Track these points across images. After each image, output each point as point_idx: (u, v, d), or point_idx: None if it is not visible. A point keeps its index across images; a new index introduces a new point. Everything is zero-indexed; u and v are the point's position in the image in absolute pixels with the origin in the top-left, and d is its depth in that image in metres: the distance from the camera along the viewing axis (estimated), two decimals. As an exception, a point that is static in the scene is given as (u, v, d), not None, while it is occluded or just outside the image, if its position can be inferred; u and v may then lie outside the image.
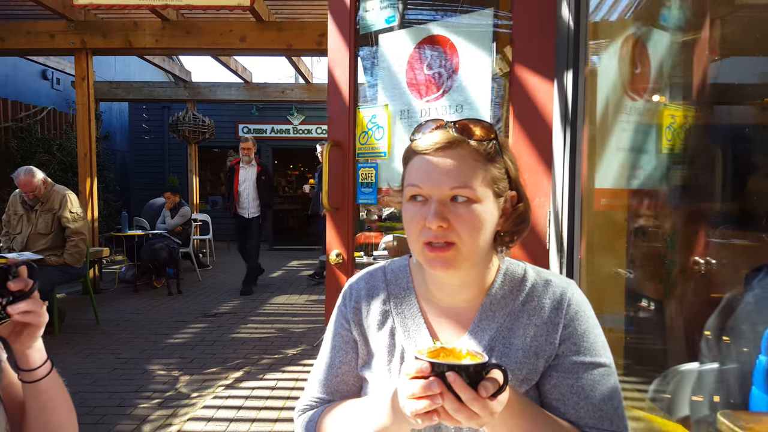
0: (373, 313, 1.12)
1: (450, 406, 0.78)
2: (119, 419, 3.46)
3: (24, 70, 9.99)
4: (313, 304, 6.96)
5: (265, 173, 7.58)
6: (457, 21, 2.07)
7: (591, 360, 0.99)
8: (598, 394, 0.98)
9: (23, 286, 1.02)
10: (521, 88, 1.88)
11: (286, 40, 7.00)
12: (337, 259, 2.21)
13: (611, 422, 0.98)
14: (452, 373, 0.78)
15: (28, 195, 5.02)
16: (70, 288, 7.21)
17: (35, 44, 7.23)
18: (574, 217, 1.85)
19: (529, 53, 1.88)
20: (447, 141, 0.96)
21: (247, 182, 7.48)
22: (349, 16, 2.25)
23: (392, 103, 2.17)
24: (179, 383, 4.11)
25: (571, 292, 1.05)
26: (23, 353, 1.06)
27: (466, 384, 0.77)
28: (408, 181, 1.00)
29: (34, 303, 1.03)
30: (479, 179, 0.95)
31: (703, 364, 1.71)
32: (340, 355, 1.13)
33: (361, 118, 2.23)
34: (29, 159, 8.43)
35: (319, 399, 1.15)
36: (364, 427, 0.98)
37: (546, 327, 1.02)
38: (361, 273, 1.20)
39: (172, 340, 5.16)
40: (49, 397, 1.10)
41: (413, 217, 0.98)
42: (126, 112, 13.48)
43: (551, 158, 1.89)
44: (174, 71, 10.57)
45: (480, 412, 0.78)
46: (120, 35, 7.16)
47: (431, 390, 0.78)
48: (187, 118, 10.03)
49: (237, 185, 7.44)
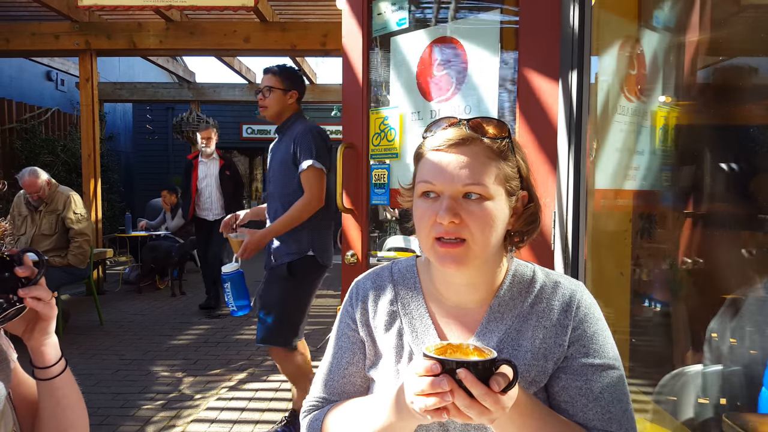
0: (381, 313, 1.11)
1: (461, 402, 0.78)
2: (123, 420, 3.46)
3: (28, 71, 10.02)
4: (317, 306, 6.96)
5: (229, 167, 6.63)
6: (464, 21, 2.08)
7: (600, 362, 0.99)
8: (606, 396, 0.97)
9: (30, 273, 1.03)
10: (527, 87, 1.88)
11: (290, 41, 7.00)
12: (352, 259, 2.24)
13: (620, 424, 0.97)
14: (463, 369, 0.77)
15: (32, 196, 5.03)
16: (74, 289, 7.22)
17: (40, 45, 7.25)
18: (579, 218, 1.84)
19: (534, 51, 1.88)
20: (460, 138, 0.96)
21: (208, 179, 6.50)
22: (363, 19, 2.26)
23: (404, 104, 2.18)
24: (183, 384, 4.11)
25: (581, 294, 1.04)
26: (38, 350, 1.06)
27: (477, 380, 0.77)
28: (420, 177, 1.00)
29: (44, 290, 1.04)
30: (492, 177, 0.95)
31: (707, 366, 1.70)
32: (347, 356, 1.12)
33: (374, 120, 2.25)
34: (33, 160, 8.44)
35: (325, 399, 1.14)
36: (369, 425, 0.97)
37: (555, 329, 1.01)
38: (367, 273, 1.19)
39: (175, 342, 5.17)
40: (63, 395, 1.10)
41: (425, 213, 0.97)
42: (130, 113, 13.52)
43: (556, 158, 1.89)
44: (178, 72, 10.59)
45: (491, 408, 0.77)
46: (124, 36, 7.17)
47: (441, 387, 0.78)
48: (191, 119, 10.04)
49: (196, 183, 6.46)
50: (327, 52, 7.21)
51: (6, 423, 1.06)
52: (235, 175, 6.65)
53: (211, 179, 6.45)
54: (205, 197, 6.46)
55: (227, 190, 6.48)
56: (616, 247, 2.22)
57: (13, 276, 1.02)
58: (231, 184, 6.52)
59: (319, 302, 7.15)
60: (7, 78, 9.55)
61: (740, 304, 1.64)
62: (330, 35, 6.89)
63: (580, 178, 1.85)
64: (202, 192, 6.45)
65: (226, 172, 6.49)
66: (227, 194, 6.48)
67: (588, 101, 1.85)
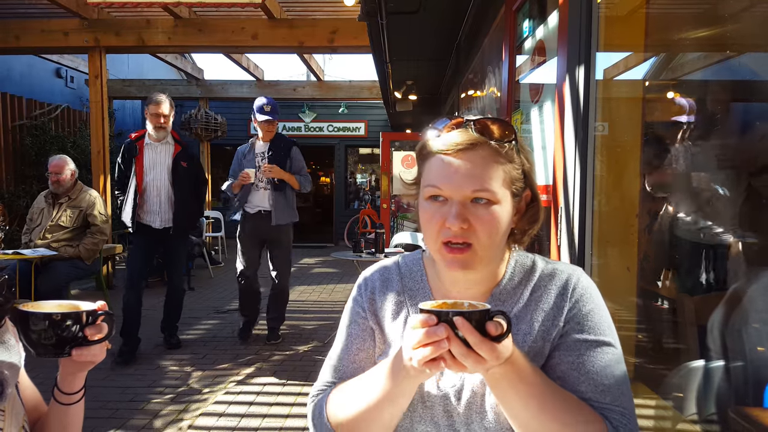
0: (388, 303, 1.13)
1: (457, 350, 0.79)
2: (132, 414, 3.49)
3: (38, 68, 10.09)
4: (325, 302, 6.98)
5: (187, 156, 4.78)
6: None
7: (594, 338, 0.99)
8: (599, 369, 0.97)
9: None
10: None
11: (297, 38, 7.02)
12: None
13: (614, 398, 0.95)
14: (459, 317, 0.79)
15: (52, 178, 5.12)
16: (84, 284, 7.27)
17: (49, 42, 7.30)
18: (585, 214, 1.84)
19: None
20: (468, 142, 0.96)
21: (157, 169, 4.66)
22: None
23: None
24: (191, 379, 4.14)
25: (577, 276, 1.06)
26: (70, 376, 1.11)
27: (472, 327, 0.78)
28: (427, 180, 1.00)
29: (99, 350, 1.06)
30: (499, 180, 0.96)
31: (711, 361, 1.70)
32: (357, 343, 1.13)
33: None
34: (43, 156, 8.49)
35: (334, 384, 1.15)
36: (369, 395, 0.98)
37: (552, 311, 1.03)
38: (374, 266, 1.21)
39: (184, 336, 5.19)
40: (72, 421, 1.15)
41: (433, 216, 0.98)
42: (139, 110, 13.56)
43: (563, 153, 1.89)
44: (186, 69, 10.64)
45: (486, 356, 0.78)
46: (133, 33, 7.22)
47: (437, 335, 0.79)
48: (200, 115, 10.08)
49: (140, 175, 4.62)
50: (335, 48, 7.22)
51: (16, 412, 1.08)
52: (194, 167, 4.87)
53: (160, 170, 4.67)
54: (152, 196, 4.65)
55: (182, 187, 4.69)
56: (622, 242, 2.22)
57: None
58: (188, 179, 4.75)
59: (326, 298, 7.17)
60: (18, 75, 9.62)
61: (744, 298, 1.64)
62: (338, 32, 6.90)
63: (587, 174, 1.85)
64: (148, 189, 4.64)
65: (182, 163, 4.70)
66: (182, 193, 4.68)
67: (596, 96, 1.85)
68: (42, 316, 1.00)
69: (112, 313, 1.09)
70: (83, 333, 1.03)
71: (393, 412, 0.97)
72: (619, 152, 2.20)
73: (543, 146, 2.36)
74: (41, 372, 1.38)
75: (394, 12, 4.47)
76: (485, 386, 1.00)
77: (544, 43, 2.42)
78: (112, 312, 1.10)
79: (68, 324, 1.01)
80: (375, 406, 0.97)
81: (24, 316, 1.00)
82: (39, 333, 1.00)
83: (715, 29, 1.97)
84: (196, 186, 4.87)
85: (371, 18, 4.61)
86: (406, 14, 4.54)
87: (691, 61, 2.32)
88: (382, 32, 4.98)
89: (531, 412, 0.89)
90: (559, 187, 1.99)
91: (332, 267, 9.70)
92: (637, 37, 2.19)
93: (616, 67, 2.31)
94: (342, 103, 13.40)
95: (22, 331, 1.01)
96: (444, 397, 1.02)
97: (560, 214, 1.97)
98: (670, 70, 2.41)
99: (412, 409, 1.03)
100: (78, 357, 1.04)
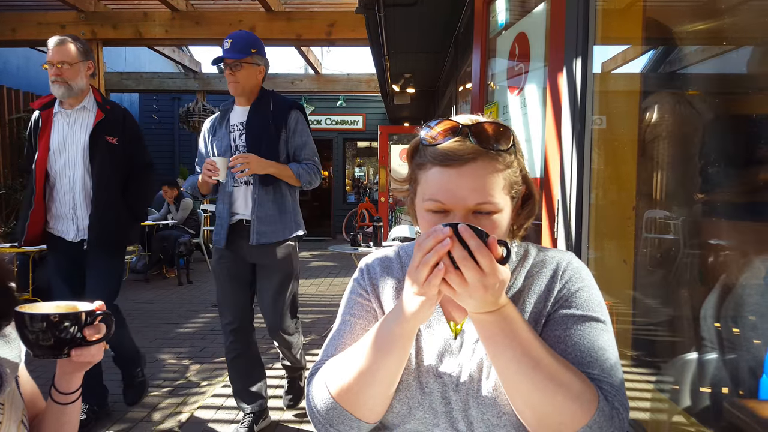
0: (389, 288, 1.14)
1: (458, 253, 0.81)
2: (130, 407, 3.49)
3: (35, 61, 10.02)
4: (322, 295, 6.99)
5: (115, 128, 3.12)
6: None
7: (582, 313, 0.99)
8: (587, 342, 0.96)
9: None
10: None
11: (295, 30, 7.00)
12: None
13: (602, 370, 0.93)
14: (462, 225, 0.82)
15: None
16: (82, 277, 7.27)
17: (46, 35, 7.13)
18: (582, 207, 1.85)
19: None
20: (468, 155, 0.94)
21: (69, 150, 3.03)
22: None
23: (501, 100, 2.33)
24: (189, 372, 4.16)
25: (568, 260, 1.07)
26: (67, 376, 1.11)
27: (474, 234, 0.81)
28: (428, 193, 0.98)
29: (97, 350, 1.07)
30: (500, 189, 0.96)
31: (708, 352, 1.70)
32: (362, 322, 1.12)
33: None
34: (41, 150, 8.47)
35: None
36: (365, 352, 0.98)
37: (544, 294, 1.04)
38: (374, 254, 1.22)
39: (182, 330, 5.21)
40: (68, 420, 1.15)
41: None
42: (136, 103, 13.54)
43: (560, 146, 1.89)
44: (184, 62, 10.60)
45: (485, 265, 0.80)
46: (130, 26, 7.19)
47: (441, 233, 0.82)
48: (197, 109, 10.06)
49: (43, 161, 3.01)
50: (332, 41, 7.20)
51: (16, 406, 1.08)
52: (128, 144, 3.16)
53: (74, 152, 3.04)
54: (61, 190, 3.05)
55: (106, 176, 3.04)
56: (619, 235, 2.22)
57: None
58: (115, 164, 3.08)
59: (324, 292, 7.18)
60: (14, 68, 9.58)
61: (741, 290, 1.64)
62: (336, 25, 6.88)
63: (584, 167, 1.85)
64: (57, 179, 3.04)
65: (107, 138, 3.06)
66: (105, 185, 3.04)
67: (592, 90, 1.85)
68: (40, 317, 1.00)
69: (110, 313, 1.09)
70: (82, 334, 1.03)
71: (388, 367, 0.96)
72: (617, 145, 2.21)
73: (527, 139, 2.37)
74: (39, 368, 1.38)
75: (392, 4, 4.45)
76: (482, 372, 1.00)
77: (526, 35, 2.41)
78: (110, 312, 1.10)
79: (66, 325, 1.01)
80: (369, 364, 0.96)
81: (22, 317, 0.99)
82: (37, 334, 1.00)
83: (713, 22, 1.97)
84: (132, 174, 3.19)
85: (369, 10, 4.60)
86: (403, 6, 4.53)
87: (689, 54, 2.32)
88: (380, 24, 4.96)
89: (524, 369, 0.87)
90: (556, 180, 1.99)
91: (330, 260, 9.72)
92: (634, 30, 2.19)
93: (614, 60, 2.31)
94: (340, 96, 13.38)
95: (20, 332, 1.01)
96: (442, 383, 1.03)
97: (557, 207, 1.97)
98: (668, 64, 2.41)
99: (410, 395, 1.03)
100: (77, 358, 1.04)
